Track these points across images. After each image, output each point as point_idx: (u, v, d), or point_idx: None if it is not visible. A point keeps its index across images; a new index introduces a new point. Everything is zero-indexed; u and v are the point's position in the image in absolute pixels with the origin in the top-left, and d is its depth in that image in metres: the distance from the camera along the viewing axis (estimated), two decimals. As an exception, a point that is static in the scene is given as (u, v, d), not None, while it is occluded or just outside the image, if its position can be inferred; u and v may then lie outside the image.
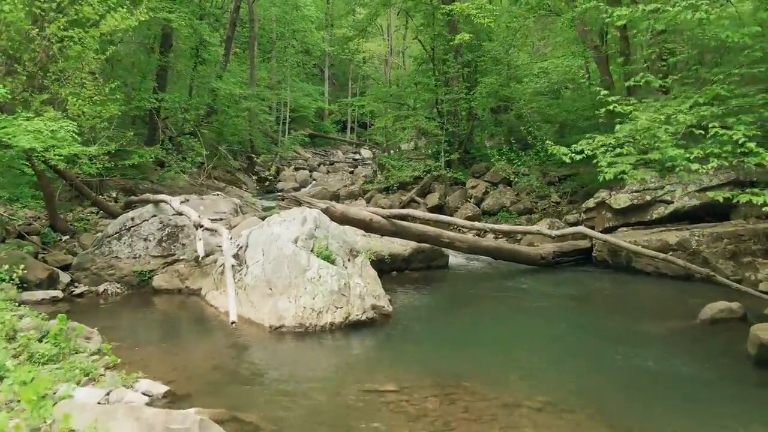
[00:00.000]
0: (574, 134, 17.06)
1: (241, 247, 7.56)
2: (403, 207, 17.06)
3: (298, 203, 8.63)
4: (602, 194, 11.67)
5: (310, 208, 8.23)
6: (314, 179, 24.83)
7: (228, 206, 9.27)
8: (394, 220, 9.27)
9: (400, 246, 10.04)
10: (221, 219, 8.84)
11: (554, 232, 9.84)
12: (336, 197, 20.16)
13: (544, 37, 24.08)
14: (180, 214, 7.99)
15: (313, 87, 34.67)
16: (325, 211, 8.46)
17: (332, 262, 7.06)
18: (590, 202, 11.84)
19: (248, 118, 21.78)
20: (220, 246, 8.47)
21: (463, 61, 18.14)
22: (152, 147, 14.98)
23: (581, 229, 9.93)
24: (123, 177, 14.46)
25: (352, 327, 6.42)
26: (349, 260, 7.40)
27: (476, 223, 10.91)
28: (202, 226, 6.95)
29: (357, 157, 31.30)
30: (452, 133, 18.12)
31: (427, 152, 19.77)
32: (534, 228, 9.89)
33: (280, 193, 21.20)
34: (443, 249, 10.26)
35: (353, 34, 22.72)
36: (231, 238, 6.55)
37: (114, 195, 12.60)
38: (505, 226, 10.98)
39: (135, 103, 14.94)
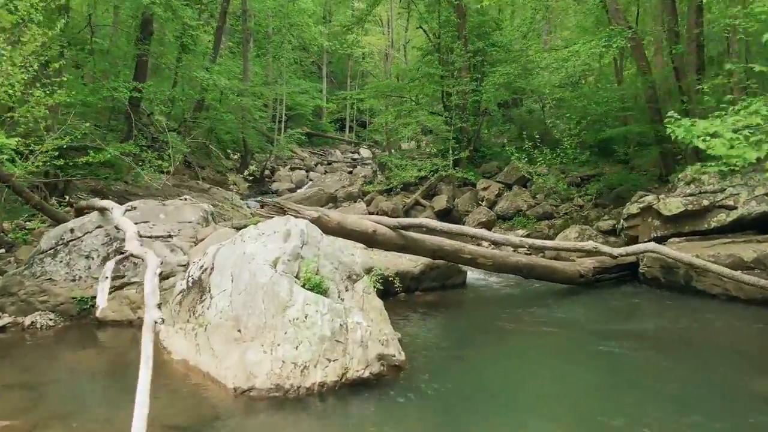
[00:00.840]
0: (595, 129, 15.37)
1: (204, 270, 5.74)
2: (406, 210, 15.32)
3: (282, 211, 6.75)
4: (648, 198, 9.86)
5: (296, 217, 6.39)
6: (311, 179, 23.88)
7: (195, 214, 7.41)
8: (403, 231, 7.43)
9: (409, 261, 8.29)
10: (174, 234, 6.96)
11: (616, 250, 7.88)
12: (333, 199, 18.67)
13: (553, 30, 22.39)
14: (118, 229, 6.11)
15: (311, 84, 33.00)
16: (316, 221, 6.62)
17: (324, 293, 5.23)
18: (633, 208, 10.01)
19: (240, 114, 20.08)
20: (181, 264, 6.69)
21: (473, 49, 16.37)
22: (124, 143, 13.13)
23: (655, 246, 7.84)
24: (94, 177, 12.70)
25: (351, 388, 4.55)
26: (346, 289, 5.54)
27: (510, 237, 8.92)
28: (122, 253, 4.97)
29: (356, 156, 30.64)
30: (460, 129, 16.36)
31: (432, 150, 18.06)
32: (588, 245, 7.83)
33: (274, 195, 19.67)
34: (461, 265, 8.49)
35: (352, 23, 21.28)
36: (160, 273, 4.56)
37: (68, 198, 10.74)
38: (548, 242, 8.89)
39: (104, 92, 13.14)
